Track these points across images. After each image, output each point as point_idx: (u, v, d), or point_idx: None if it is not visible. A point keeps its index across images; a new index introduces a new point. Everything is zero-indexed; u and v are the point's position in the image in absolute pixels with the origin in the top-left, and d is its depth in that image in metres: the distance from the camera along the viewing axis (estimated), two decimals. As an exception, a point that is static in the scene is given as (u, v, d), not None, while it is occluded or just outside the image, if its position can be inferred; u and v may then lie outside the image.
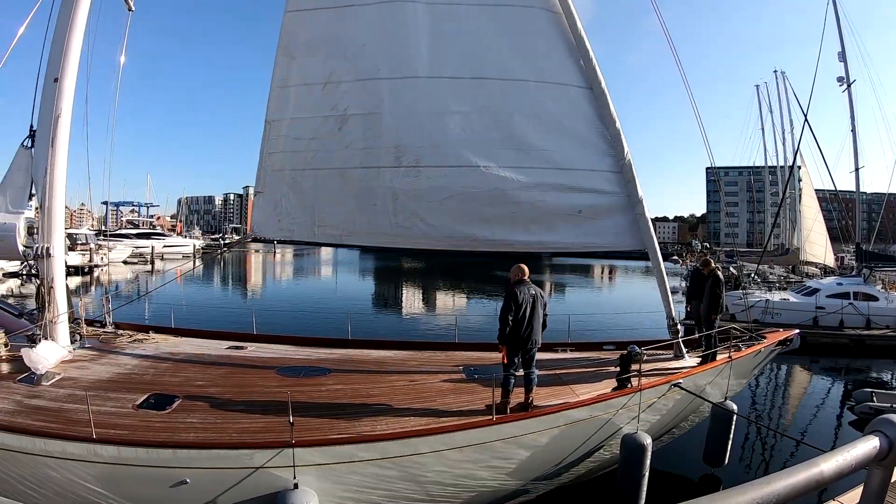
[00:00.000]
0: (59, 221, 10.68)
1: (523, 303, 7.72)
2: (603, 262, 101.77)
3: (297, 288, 49.02)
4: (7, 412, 7.29)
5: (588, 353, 10.73)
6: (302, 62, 10.19)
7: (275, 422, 6.98)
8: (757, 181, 70.18)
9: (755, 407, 14.12)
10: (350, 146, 10.01)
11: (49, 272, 10.44)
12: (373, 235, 10.44)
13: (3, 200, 10.74)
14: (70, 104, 10.60)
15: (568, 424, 7.42)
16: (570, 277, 64.44)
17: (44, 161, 10.39)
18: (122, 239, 69.61)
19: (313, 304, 31.95)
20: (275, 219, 10.57)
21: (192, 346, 11.30)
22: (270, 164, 10.45)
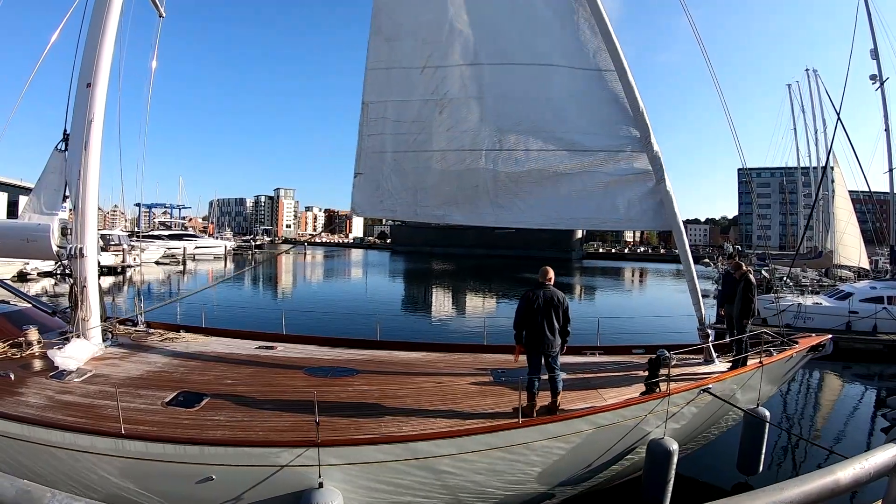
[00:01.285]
0: (92, 223, 11.04)
1: (534, 305, 7.79)
2: (634, 264, 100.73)
3: (326, 289, 49.38)
4: (38, 407, 7.58)
5: (617, 357, 10.68)
6: (397, 45, 10.27)
7: (301, 421, 7.04)
8: (789, 182, 68.60)
9: (786, 414, 13.86)
10: (452, 129, 10.12)
11: (82, 272, 10.78)
12: (474, 215, 10.50)
13: (37, 202, 11.23)
14: (102, 108, 10.94)
15: (594, 429, 7.38)
16: (600, 280, 63.83)
17: (77, 164, 10.76)
18: (155, 240, 71.22)
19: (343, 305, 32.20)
20: (377, 199, 10.65)
21: (222, 345, 11.51)
22: (370, 146, 10.54)
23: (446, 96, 10.05)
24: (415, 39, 10.14)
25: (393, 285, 56.71)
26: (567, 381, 8.18)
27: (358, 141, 10.49)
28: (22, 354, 10.04)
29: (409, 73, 10.20)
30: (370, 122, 10.42)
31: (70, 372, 9.03)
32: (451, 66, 10.02)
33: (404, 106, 10.33)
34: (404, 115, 10.31)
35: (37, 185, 11.52)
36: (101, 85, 10.82)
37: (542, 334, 7.75)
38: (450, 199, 10.37)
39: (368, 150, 10.51)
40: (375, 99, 10.38)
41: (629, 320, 11.17)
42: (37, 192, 11.42)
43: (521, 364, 8.48)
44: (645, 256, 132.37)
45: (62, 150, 11.19)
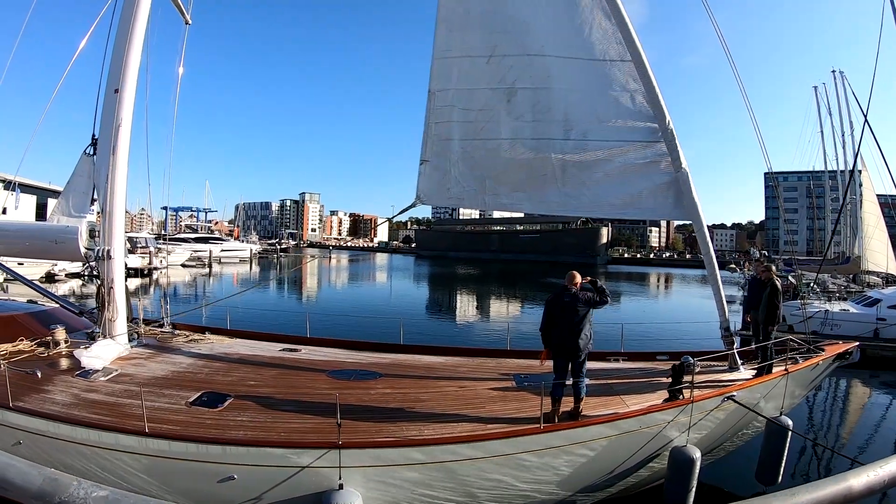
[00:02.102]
0: (120, 225, 11.32)
1: (560, 309, 7.81)
2: (659, 270, 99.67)
3: (351, 293, 49.63)
4: (64, 404, 7.81)
5: (640, 364, 10.60)
6: (463, 35, 10.36)
7: (323, 423, 7.17)
8: (817, 186, 67.52)
9: (812, 423, 13.60)
10: (520, 118, 10.17)
11: (109, 273, 11.07)
12: (542, 203, 10.48)
13: (65, 205, 11.58)
14: (130, 114, 11.23)
15: (617, 435, 7.35)
16: (625, 286, 63.14)
17: (105, 168, 11.07)
18: (181, 243, 72.57)
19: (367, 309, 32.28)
20: (444, 187, 10.73)
21: (246, 347, 11.70)
22: (437, 133, 10.64)
23: (514, 85, 10.09)
24: (480, 29, 10.21)
25: (417, 289, 56.74)
26: (590, 386, 8.15)
27: (424, 128, 10.62)
28: (49, 353, 10.31)
29: (476, 61, 10.28)
30: (437, 110, 10.53)
31: (96, 371, 9.28)
32: (517, 56, 10.05)
33: (471, 94, 10.39)
34: (472, 103, 10.38)
35: (65, 188, 11.87)
36: (129, 91, 11.13)
37: (567, 340, 7.74)
38: (518, 188, 10.40)
39: (435, 137, 10.60)
40: (442, 87, 10.48)
41: (654, 326, 11.09)
42: (65, 196, 11.77)
43: (543, 369, 8.50)
44: (670, 262, 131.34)
45: (90, 154, 11.52)
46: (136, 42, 11.18)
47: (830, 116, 46.11)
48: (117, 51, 11.24)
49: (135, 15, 11.14)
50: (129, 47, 11.06)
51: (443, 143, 10.56)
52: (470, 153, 10.48)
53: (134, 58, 11.17)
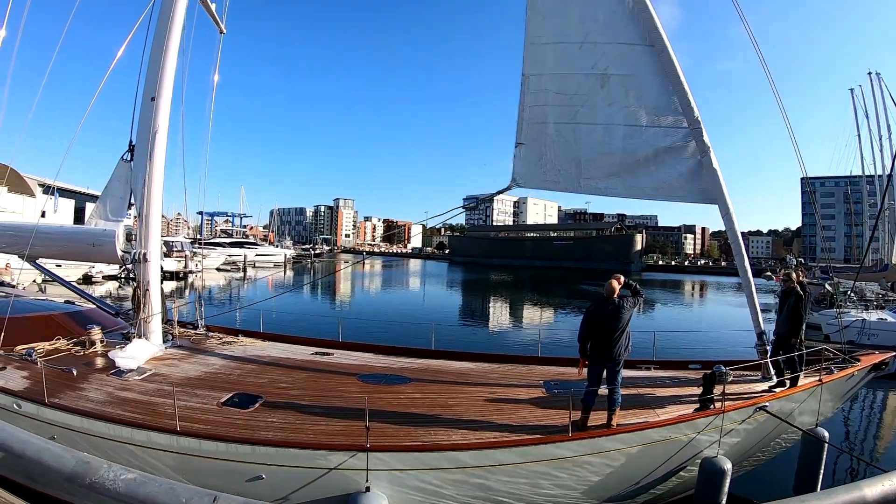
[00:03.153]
0: (156, 229, 11.72)
1: (598, 319, 7.72)
2: (694, 277, 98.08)
3: (384, 298, 49.82)
4: (98, 402, 8.12)
5: (672, 372, 10.46)
6: (554, 21, 10.40)
7: (352, 426, 7.21)
8: (854, 192, 65.48)
9: (848, 434, 13.24)
10: (613, 104, 10.21)
11: (145, 276, 11.46)
12: (636, 189, 10.43)
13: (103, 209, 12.02)
14: (166, 121, 11.62)
15: (646, 444, 7.30)
16: (659, 293, 62.21)
17: (142, 173, 11.46)
18: (216, 247, 74.10)
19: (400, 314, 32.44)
20: (539, 170, 10.73)
21: (279, 350, 11.92)
22: (532, 117, 10.68)
23: (607, 72, 10.13)
24: (571, 16, 10.26)
25: (450, 295, 56.80)
26: (621, 395, 8.04)
27: (519, 111, 10.66)
28: (85, 352, 10.73)
29: (568, 47, 10.33)
30: (531, 94, 10.58)
31: (130, 370, 9.61)
32: (608, 44, 10.10)
33: (565, 79, 10.44)
34: (566, 87, 10.42)
35: (103, 192, 12.31)
36: (165, 98, 11.52)
37: (606, 347, 7.66)
38: (613, 172, 10.38)
39: (530, 120, 10.64)
40: (535, 72, 10.53)
41: (686, 334, 10.97)
42: (103, 200, 12.21)
43: (574, 376, 8.47)
44: (705, 269, 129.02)
45: (128, 160, 11.93)
46: (171, 51, 11.56)
47: (867, 119, 45.02)
48: (153, 60, 11.65)
49: (170, 25, 11.54)
50: (165, 56, 11.45)
51: (538, 127, 10.58)
52: (565, 137, 10.49)
53: (170, 67, 11.56)
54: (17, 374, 9.37)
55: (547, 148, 10.54)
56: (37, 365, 9.51)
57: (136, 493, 4.51)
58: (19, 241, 11.96)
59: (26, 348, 10.49)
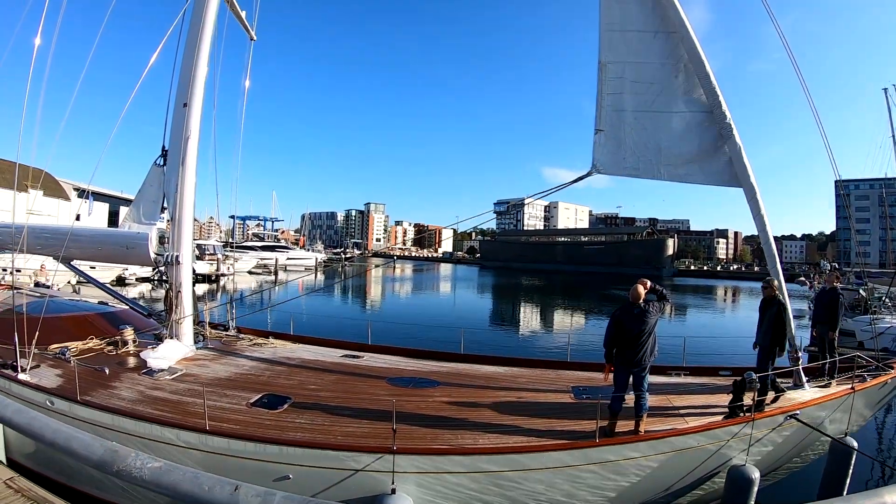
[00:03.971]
0: (188, 232, 11.99)
1: (624, 324, 7.72)
2: (726, 283, 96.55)
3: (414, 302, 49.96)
4: (129, 400, 8.36)
5: (702, 379, 10.38)
6: (627, 8, 10.43)
7: (379, 428, 7.27)
8: (889, 194, 64.08)
9: (881, 444, 12.88)
10: (688, 93, 10.24)
11: (177, 278, 11.76)
12: (715, 176, 10.32)
13: (136, 212, 12.34)
14: (198, 126, 11.91)
15: (674, 452, 7.23)
16: (690, 298, 61.28)
17: (175, 177, 11.78)
18: (248, 251, 75.24)
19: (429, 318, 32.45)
20: (619, 157, 10.69)
21: (309, 352, 12.08)
22: (611, 104, 10.68)
23: (681, 61, 10.15)
24: (646, 6, 10.27)
25: (480, 299, 56.75)
26: (649, 401, 7.98)
27: (597, 98, 10.66)
28: (117, 352, 11.05)
29: (643, 35, 10.36)
30: (609, 81, 10.58)
31: (161, 370, 9.87)
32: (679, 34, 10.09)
33: (641, 67, 10.45)
34: (642, 76, 10.44)
35: (136, 196, 12.63)
36: (197, 104, 11.82)
37: (632, 353, 7.64)
38: (692, 160, 10.38)
39: (609, 107, 10.63)
40: (612, 59, 10.55)
41: (717, 340, 10.81)
42: (136, 204, 12.52)
43: (602, 382, 8.52)
44: (738, 274, 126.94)
45: (161, 164, 12.26)
46: (202, 58, 11.87)
47: (903, 120, 43.96)
48: (185, 67, 11.96)
49: (201, 33, 11.86)
50: (197, 63, 11.75)
51: (616, 114, 10.59)
52: (643, 124, 10.49)
53: (201, 73, 11.85)
54: (50, 371, 9.69)
55: (626, 135, 10.52)
56: (70, 363, 9.82)
57: (160, 480, 4.68)
58: (55, 244, 12.24)
59: (60, 347, 10.84)
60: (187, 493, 4.91)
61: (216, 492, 4.78)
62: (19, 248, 11.04)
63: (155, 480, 4.89)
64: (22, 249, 11.12)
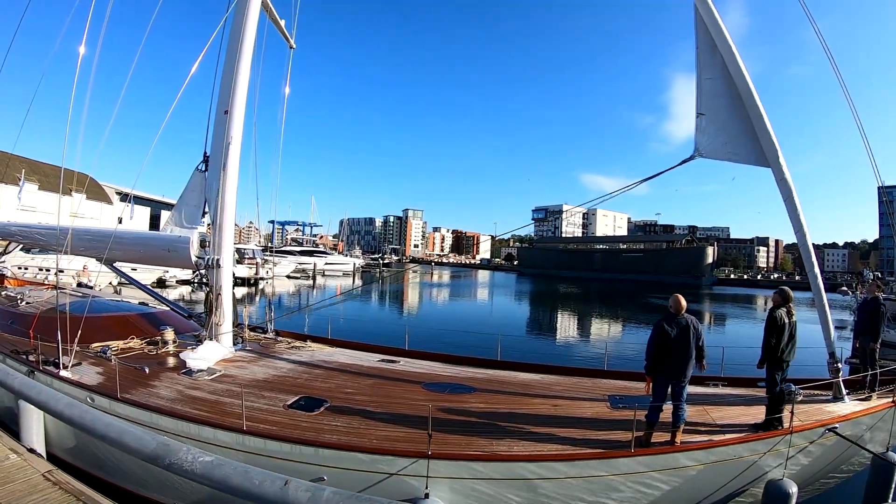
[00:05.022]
0: (229, 237, 12.28)
1: (668, 336, 7.62)
2: (766, 292, 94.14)
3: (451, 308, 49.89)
4: (168, 399, 8.60)
5: (740, 390, 10.22)
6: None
7: (414, 433, 7.33)
8: None
9: None
10: None
11: (218, 281, 12.05)
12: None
13: (178, 216, 12.71)
14: (239, 133, 12.20)
15: (710, 464, 7.13)
16: (729, 308, 60.00)
17: (216, 183, 12.08)
18: (287, 255, 76.33)
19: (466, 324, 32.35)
20: (720, 142, 10.56)
21: (346, 356, 12.20)
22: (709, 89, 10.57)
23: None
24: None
25: (518, 306, 56.49)
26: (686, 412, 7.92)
27: (697, 81, 10.63)
28: (157, 352, 11.39)
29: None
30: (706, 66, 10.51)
31: (200, 371, 10.13)
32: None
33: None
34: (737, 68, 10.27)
35: (178, 201, 12.99)
36: (238, 111, 12.13)
37: (675, 364, 7.59)
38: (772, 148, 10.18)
39: (709, 92, 10.58)
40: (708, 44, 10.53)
41: (757, 351, 10.70)
42: (178, 208, 12.89)
43: (639, 391, 8.51)
44: (779, 283, 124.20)
45: (202, 170, 12.62)
46: (243, 67, 12.17)
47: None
48: (226, 74, 12.28)
49: (242, 41, 12.17)
50: (238, 72, 12.03)
51: (715, 100, 10.51)
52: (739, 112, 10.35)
53: (242, 81, 12.14)
54: (91, 369, 10.02)
55: (725, 120, 10.46)
56: (111, 362, 10.13)
57: (211, 474, 4.86)
58: (98, 246, 12.62)
59: (102, 346, 11.25)
60: (238, 487, 5.09)
61: (266, 486, 4.95)
62: (64, 250, 11.46)
63: (206, 474, 5.08)
64: (66, 251, 11.54)
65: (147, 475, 7.60)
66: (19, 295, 15.42)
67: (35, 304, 14.06)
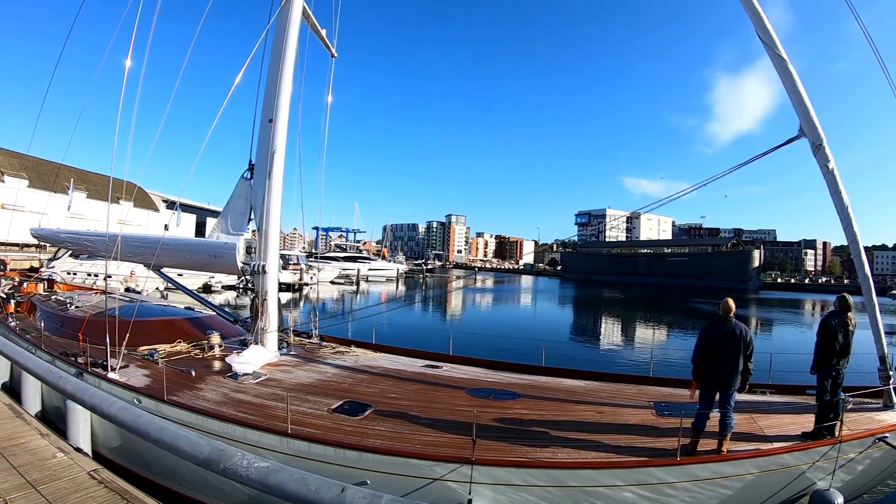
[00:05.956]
0: (274, 243, 12.51)
1: (715, 340, 7.48)
2: (815, 296, 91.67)
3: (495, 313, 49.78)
4: (214, 402, 8.80)
5: (788, 397, 9.89)
6: None
7: (458, 439, 7.34)
8: None
9: None
10: None
11: (263, 286, 12.29)
12: None
13: (224, 223, 13.02)
14: (283, 141, 12.44)
15: (756, 473, 6.97)
16: (777, 313, 58.39)
17: (261, 190, 12.34)
18: (330, 261, 77.28)
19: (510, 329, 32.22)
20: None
21: (390, 361, 12.28)
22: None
23: None
24: None
25: (561, 312, 56.10)
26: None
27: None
28: (204, 355, 11.68)
29: None
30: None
31: (246, 374, 10.33)
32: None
33: None
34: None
35: (224, 208, 13.30)
36: (282, 120, 12.37)
37: (722, 370, 7.42)
38: None
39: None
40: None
41: (805, 357, 10.39)
42: (224, 215, 13.19)
43: (685, 398, 8.32)
44: (827, 287, 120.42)
45: (248, 178, 12.92)
46: (286, 76, 12.41)
47: None
48: (270, 84, 12.57)
49: (285, 52, 12.42)
50: (281, 81, 12.30)
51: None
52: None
53: (285, 91, 12.39)
54: (138, 372, 10.34)
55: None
56: (158, 365, 10.50)
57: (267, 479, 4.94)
58: (146, 252, 13.05)
59: (149, 349, 11.61)
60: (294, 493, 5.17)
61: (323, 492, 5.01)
62: (112, 256, 11.86)
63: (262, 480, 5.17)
64: (115, 257, 11.94)
65: (191, 475, 7.79)
66: (68, 299, 16.04)
67: (84, 307, 14.57)
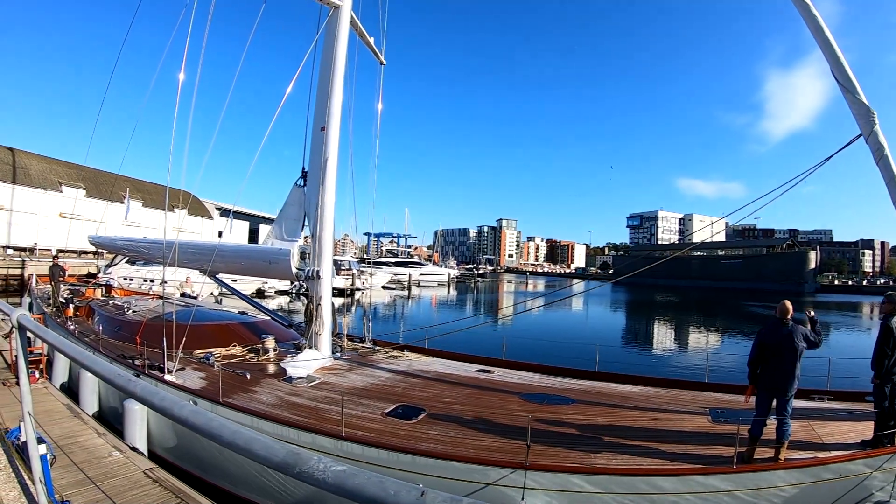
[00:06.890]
0: (328, 249, 12.72)
1: (772, 343, 7.33)
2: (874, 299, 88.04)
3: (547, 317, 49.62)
4: (269, 404, 8.97)
5: (847, 404, 9.65)
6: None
7: (511, 444, 7.31)
8: None
9: None
10: None
11: (317, 291, 12.47)
12: None
13: (278, 230, 13.30)
14: (336, 148, 12.64)
15: (814, 483, 6.74)
16: (834, 316, 56.37)
17: (315, 197, 12.58)
18: (382, 266, 78.21)
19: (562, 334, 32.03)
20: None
21: (443, 365, 12.37)
22: None
23: None
24: None
25: (614, 316, 55.53)
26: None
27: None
28: (258, 359, 11.94)
29: None
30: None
31: (300, 378, 10.51)
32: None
33: None
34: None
35: (278, 215, 13.59)
36: (334, 128, 12.56)
37: (778, 375, 7.28)
38: None
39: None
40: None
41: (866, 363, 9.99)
42: (278, 222, 13.47)
43: (741, 405, 8.10)
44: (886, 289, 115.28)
45: (301, 185, 13.16)
46: (337, 84, 12.60)
47: None
48: (321, 93, 12.79)
49: (334, 61, 12.62)
50: (332, 89, 12.49)
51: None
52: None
53: (336, 99, 12.58)
54: (195, 374, 10.67)
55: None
56: (213, 368, 10.80)
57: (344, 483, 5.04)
58: (202, 258, 13.43)
59: (205, 352, 11.96)
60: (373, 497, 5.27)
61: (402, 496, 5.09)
62: (169, 262, 12.25)
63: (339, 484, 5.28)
64: (172, 263, 12.34)
65: (245, 475, 7.97)
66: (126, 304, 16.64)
67: (141, 312, 15.15)
